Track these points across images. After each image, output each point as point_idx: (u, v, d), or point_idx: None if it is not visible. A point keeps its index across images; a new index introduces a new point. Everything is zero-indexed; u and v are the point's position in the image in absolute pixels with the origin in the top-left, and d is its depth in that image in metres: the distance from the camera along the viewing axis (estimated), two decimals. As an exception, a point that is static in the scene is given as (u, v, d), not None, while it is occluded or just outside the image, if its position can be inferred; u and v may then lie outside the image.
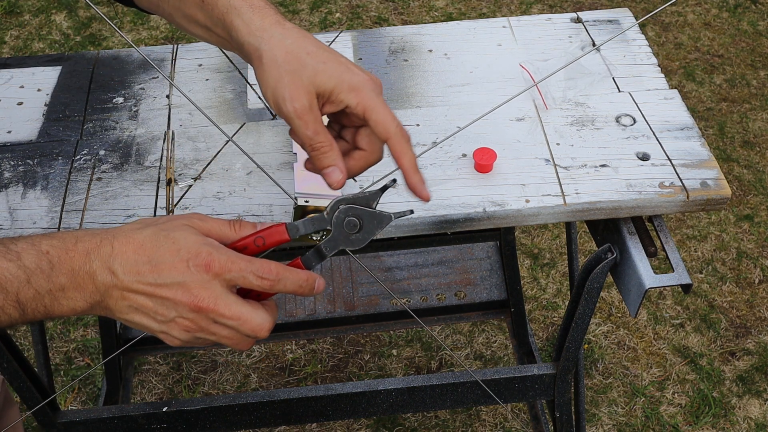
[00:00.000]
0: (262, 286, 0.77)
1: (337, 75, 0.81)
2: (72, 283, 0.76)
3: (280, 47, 0.82)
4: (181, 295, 0.75)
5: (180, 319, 0.77)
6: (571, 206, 0.99)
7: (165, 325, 0.78)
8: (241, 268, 0.76)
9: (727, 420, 1.94)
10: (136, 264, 0.76)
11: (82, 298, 0.76)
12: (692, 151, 1.05)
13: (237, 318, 0.76)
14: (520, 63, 1.17)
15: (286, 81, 0.81)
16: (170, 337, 0.79)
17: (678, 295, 2.21)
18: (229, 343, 0.79)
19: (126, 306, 0.77)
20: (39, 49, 3.07)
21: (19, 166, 1.07)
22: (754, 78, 2.87)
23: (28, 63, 1.24)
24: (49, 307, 0.76)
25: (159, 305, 0.77)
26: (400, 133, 0.82)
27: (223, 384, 2.03)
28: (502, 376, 1.28)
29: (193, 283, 0.75)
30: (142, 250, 0.76)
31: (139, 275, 0.76)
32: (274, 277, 0.77)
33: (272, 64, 0.82)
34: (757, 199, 2.46)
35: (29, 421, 1.88)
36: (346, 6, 3.25)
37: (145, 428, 1.26)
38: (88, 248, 0.76)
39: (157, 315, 0.77)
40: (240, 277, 0.76)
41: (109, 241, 0.77)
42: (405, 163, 0.83)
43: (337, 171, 0.83)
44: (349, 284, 1.84)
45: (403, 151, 0.82)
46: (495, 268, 1.87)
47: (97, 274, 0.76)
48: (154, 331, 0.79)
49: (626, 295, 1.04)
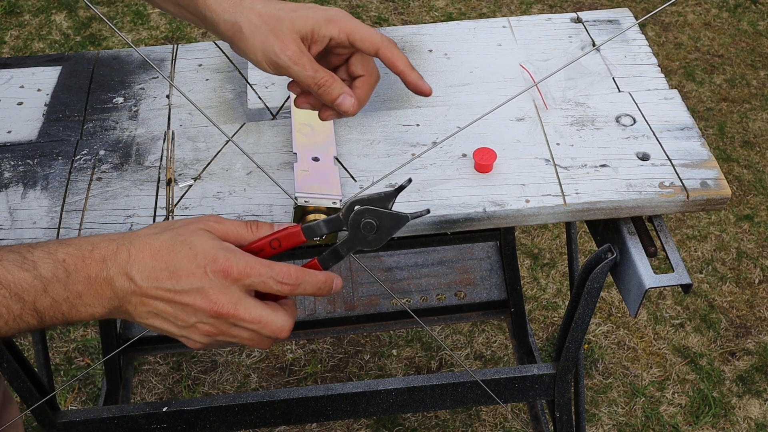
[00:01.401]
0: (282, 291, 0.77)
1: (312, 15, 0.86)
2: (89, 290, 0.76)
3: (253, 13, 0.87)
4: (201, 301, 0.76)
5: (201, 324, 0.77)
6: (571, 206, 0.99)
7: (186, 329, 0.78)
8: (261, 273, 0.76)
9: (727, 420, 1.94)
10: (154, 270, 0.76)
11: (100, 304, 0.77)
12: (692, 151, 1.05)
13: (258, 321, 0.77)
14: (520, 63, 1.17)
15: (271, 38, 0.86)
16: (191, 341, 0.80)
17: (678, 295, 2.21)
18: (250, 343, 0.79)
19: (146, 311, 0.78)
20: (39, 49, 3.07)
21: (19, 166, 1.07)
22: (754, 78, 2.87)
23: (28, 63, 1.24)
24: (67, 314, 0.76)
25: (179, 311, 0.77)
26: (387, 42, 0.87)
27: (223, 384, 2.03)
28: (502, 376, 1.28)
29: (211, 288, 0.76)
30: (159, 255, 0.77)
31: (157, 281, 0.76)
32: (294, 282, 0.77)
33: (253, 29, 0.86)
34: (757, 199, 2.46)
35: (29, 421, 1.88)
36: (346, 6, 3.25)
37: (145, 428, 1.26)
38: (104, 255, 0.77)
39: (177, 320, 0.77)
40: (260, 283, 0.76)
41: (125, 248, 0.77)
42: (399, 65, 0.88)
43: (347, 97, 0.86)
44: (349, 284, 1.84)
45: (394, 56, 0.87)
46: (495, 268, 1.87)
47: (115, 280, 0.76)
48: (175, 335, 0.80)
49: (626, 295, 1.04)
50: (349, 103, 0.86)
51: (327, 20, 0.86)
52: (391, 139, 1.08)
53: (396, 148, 1.06)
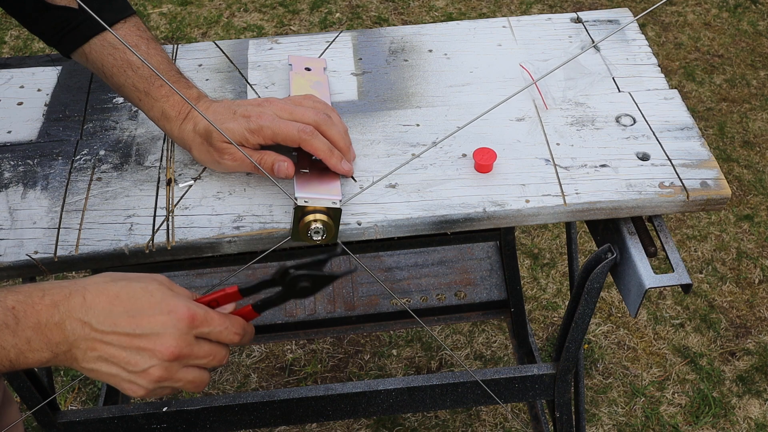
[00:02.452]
0: (233, 340, 0.85)
1: (236, 129, 0.95)
2: (38, 335, 0.77)
3: (195, 133, 1.00)
4: (161, 345, 0.79)
5: (152, 369, 0.80)
6: (571, 206, 0.99)
7: (134, 375, 0.81)
8: (220, 323, 0.83)
9: (727, 420, 1.94)
10: (111, 315, 0.79)
11: (48, 349, 0.78)
12: (692, 151, 1.05)
13: (210, 355, 0.83)
14: (520, 63, 1.17)
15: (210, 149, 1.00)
16: (136, 386, 0.82)
17: (678, 295, 2.21)
18: (190, 387, 0.84)
19: (95, 356, 0.79)
20: (39, 49, 3.07)
21: (19, 166, 1.07)
22: (754, 78, 2.87)
23: (28, 63, 1.24)
24: (14, 360, 0.77)
25: (133, 355, 0.79)
26: (305, 135, 0.94)
27: (223, 384, 2.03)
28: (502, 376, 1.28)
29: (171, 334, 0.79)
30: (118, 301, 0.79)
31: (115, 326, 0.78)
32: (242, 332, 0.86)
33: (198, 146, 1.01)
34: (757, 199, 2.46)
35: (29, 421, 1.88)
36: (346, 6, 3.25)
37: (145, 428, 1.26)
38: (55, 300, 0.78)
39: (128, 365, 0.80)
40: (218, 332, 0.83)
41: (79, 293, 0.79)
42: (320, 154, 0.96)
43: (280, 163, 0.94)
44: (349, 284, 1.84)
45: (314, 147, 0.95)
46: (495, 268, 1.87)
47: (66, 324, 0.78)
48: (119, 381, 0.82)
49: (626, 295, 1.04)
50: (284, 167, 0.94)
51: (250, 132, 0.94)
52: (391, 139, 1.08)
53: (396, 148, 1.06)
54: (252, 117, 0.95)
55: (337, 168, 0.96)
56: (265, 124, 0.94)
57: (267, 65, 1.21)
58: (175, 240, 0.96)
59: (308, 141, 0.94)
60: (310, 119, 0.96)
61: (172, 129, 1.01)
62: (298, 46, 1.25)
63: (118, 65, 1.00)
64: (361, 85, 1.18)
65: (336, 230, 0.93)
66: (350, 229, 0.97)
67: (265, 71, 1.20)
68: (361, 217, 0.97)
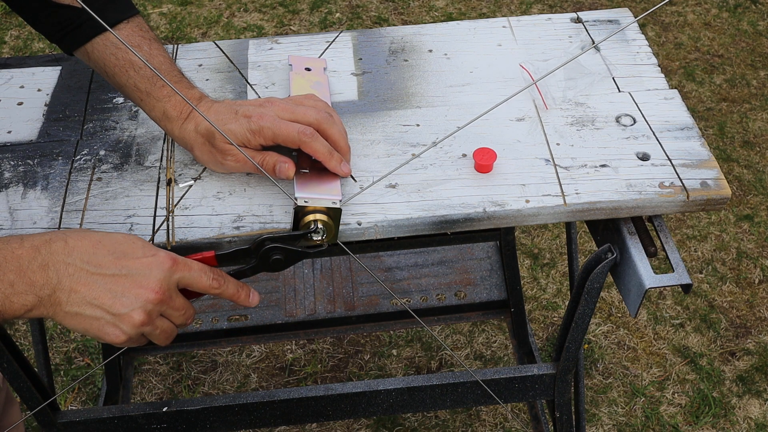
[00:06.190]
0: (211, 285, 0.88)
1: (236, 130, 0.95)
2: (20, 278, 0.78)
3: (198, 132, 1.01)
4: (146, 285, 0.81)
5: (134, 312, 0.81)
6: (571, 206, 0.99)
7: (117, 318, 0.81)
8: (199, 268, 0.86)
9: (727, 420, 1.94)
10: (96, 256, 0.80)
11: (31, 291, 0.78)
12: (692, 151, 1.05)
13: (183, 308, 0.86)
14: (520, 63, 1.17)
15: (213, 149, 1.00)
16: (118, 330, 0.82)
17: (678, 295, 2.21)
18: (162, 337, 0.86)
19: (78, 299, 0.79)
20: (39, 49, 3.07)
21: (19, 166, 1.07)
22: (754, 78, 2.88)
23: (28, 63, 1.24)
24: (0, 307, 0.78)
25: (118, 297, 0.80)
26: (306, 136, 0.94)
27: (223, 384, 2.04)
28: (502, 376, 1.28)
29: (154, 276, 0.82)
30: (101, 245, 0.81)
31: (100, 267, 0.80)
32: (221, 277, 0.89)
33: (200, 146, 1.01)
34: (757, 199, 2.46)
35: (29, 421, 1.88)
36: (346, 6, 3.25)
37: (145, 428, 1.26)
38: (35, 244, 0.79)
39: (112, 308, 0.80)
40: (197, 276, 0.86)
41: (60, 238, 0.80)
42: (319, 156, 0.96)
43: (281, 164, 0.94)
44: (349, 284, 1.84)
45: (313, 149, 0.95)
46: (495, 268, 1.87)
47: (50, 266, 0.78)
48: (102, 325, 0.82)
49: (626, 295, 1.04)
50: (285, 168, 0.94)
51: (252, 132, 0.95)
52: (391, 139, 1.08)
53: (396, 148, 1.06)
54: (253, 117, 0.95)
55: (337, 170, 0.97)
56: (266, 125, 0.94)
57: (267, 65, 1.21)
58: (175, 240, 0.96)
59: (308, 143, 0.95)
60: (312, 118, 0.96)
61: (173, 129, 1.01)
62: (298, 46, 1.25)
63: (120, 65, 1.00)
64: (361, 85, 1.18)
65: (336, 230, 0.94)
66: (350, 229, 0.97)
67: (265, 71, 1.20)
68: (361, 217, 0.97)
